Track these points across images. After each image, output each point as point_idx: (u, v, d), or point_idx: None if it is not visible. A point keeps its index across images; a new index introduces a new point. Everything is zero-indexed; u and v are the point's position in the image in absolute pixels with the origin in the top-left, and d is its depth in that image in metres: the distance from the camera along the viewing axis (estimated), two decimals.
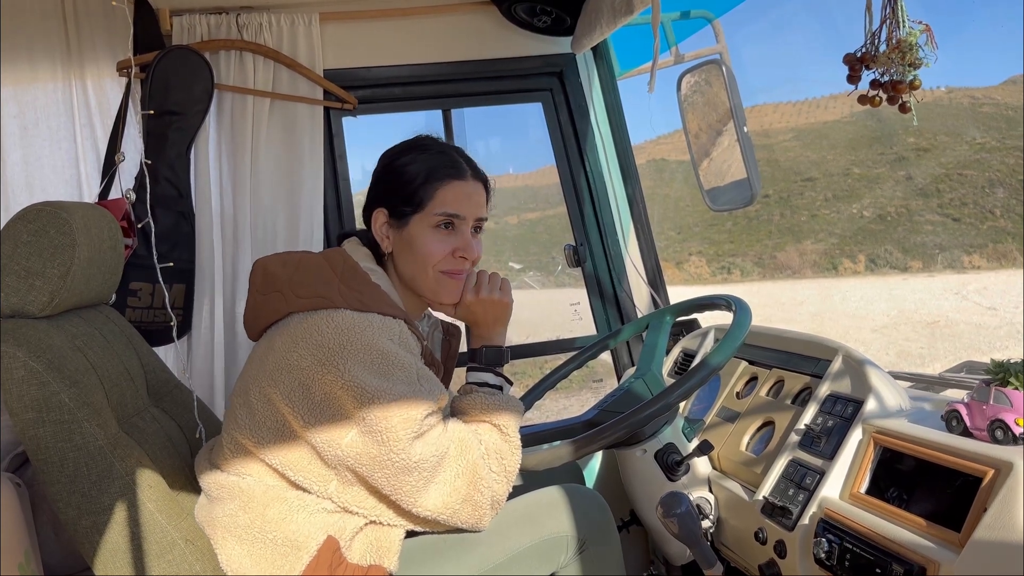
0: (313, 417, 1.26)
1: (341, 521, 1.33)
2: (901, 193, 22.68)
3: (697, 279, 21.00)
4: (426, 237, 1.44)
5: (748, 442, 1.63)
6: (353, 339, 1.27)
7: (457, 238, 1.46)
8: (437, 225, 1.44)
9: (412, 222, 1.45)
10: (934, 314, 15.99)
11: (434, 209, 1.44)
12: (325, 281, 1.36)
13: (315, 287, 1.35)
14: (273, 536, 1.30)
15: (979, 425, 1.18)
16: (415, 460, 1.24)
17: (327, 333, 1.27)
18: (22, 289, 1.32)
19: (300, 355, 1.27)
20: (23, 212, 1.36)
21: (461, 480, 1.30)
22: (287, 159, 2.16)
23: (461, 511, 1.30)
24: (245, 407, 1.34)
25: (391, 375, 1.27)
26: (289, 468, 1.30)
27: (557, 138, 2.43)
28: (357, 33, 2.24)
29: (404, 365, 1.30)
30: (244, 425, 1.33)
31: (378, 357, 1.27)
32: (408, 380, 1.28)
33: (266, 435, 1.31)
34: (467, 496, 1.30)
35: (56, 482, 1.29)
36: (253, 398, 1.32)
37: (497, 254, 19.73)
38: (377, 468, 1.25)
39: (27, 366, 1.26)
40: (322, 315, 1.30)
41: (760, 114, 27.38)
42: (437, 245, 1.44)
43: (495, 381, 1.48)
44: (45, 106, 2.13)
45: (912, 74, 1.24)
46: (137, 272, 2.00)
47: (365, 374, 1.24)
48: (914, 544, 1.12)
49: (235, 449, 1.35)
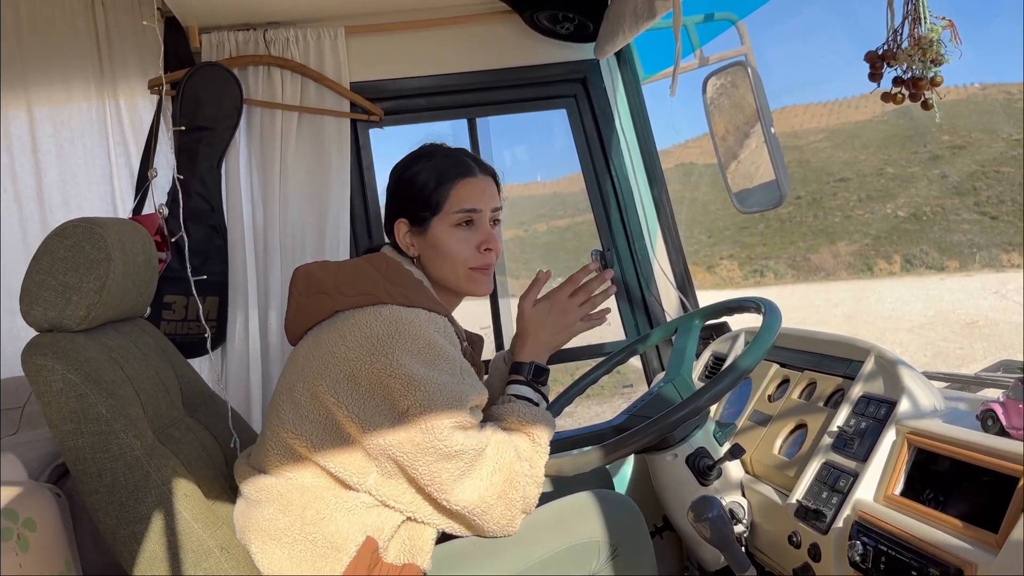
0: (359, 407, 1.29)
1: (379, 520, 1.35)
2: (936, 192, 22.30)
3: (729, 283, 20.80)
4: (450, 238, 1.49)
5: (781, 445, 1.61)
6: (401, 330, 1.31)
7: (479, 233, 1.51)
8: (458, 224, 1.49)
9: (433, 225, 1.49)
10: (972, 314, 15.67)
11: (452, 208, 1.48)
12: (371, 280, 1.40)
13: (361, 285, 1.39)
14: (313, 537, 1.32)
15: (1016, 424, 1.16)
16: (456, 448, 1.27)
17: (375, 325, 1.31)
18: (59, 304, 1.35)
19: (348, 347, 1.31)
20: (60, 228, 1.39)
21: (498, 476, 1.32)
22: (315, 171, 2.19)
23: (495, 507, 1.32)
24: (290, 403, 1.37)
25: (438, 365, 1.31)
26: (331, 461, 1.33)
27: (582, 144, 2.43)
28: (382, 45, 2.27)
29: (450, 357, 1.34)
30: (288, 420, 1.36)
31: (426, 347, 1.31)
32: (453, 372, 1.32)
33: (309, 429, 1.34)
34: (502, 493, 1.32)
35: (94, 492, 1.31)
36: (298, 394, 1.36)
37: (527, 262, 19.73)
38: (419, 455, 1.27)
39: (65, 379, 1.29)
40: (370, 310, 1.34)
41: (789, 115, 27.10)
42: (462, 244, 1.49)
43: (535, 397, 1.50)
44: (80, 125, 2.18)
45: (933, 71, 1.23)
46: (171, 285, 2.04)
47: (413, 363, 1.28)
48: (950, 546, 1.10)
49: (277, 447, 1.38)
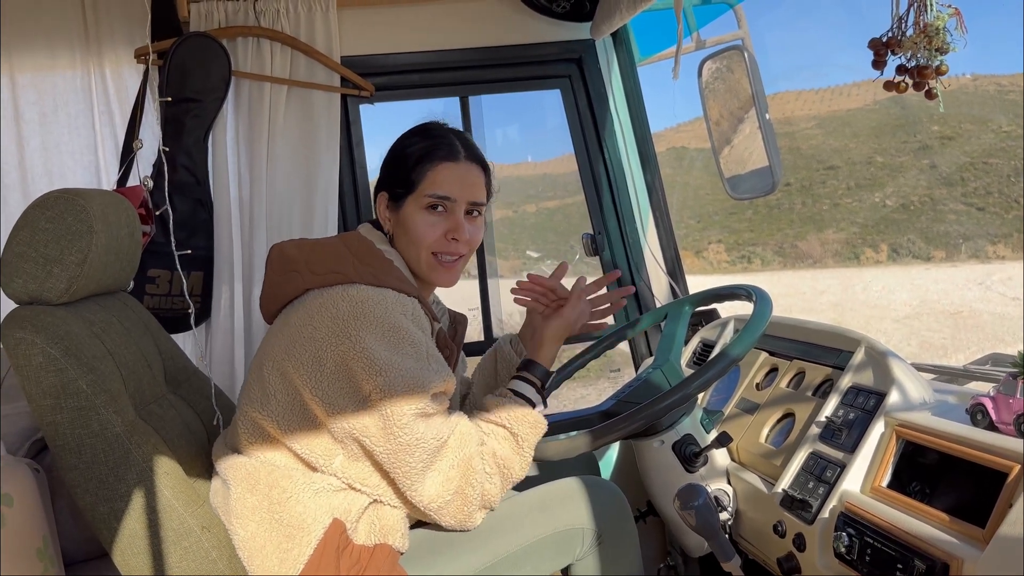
0: (323, 387, 1.29)
1: (346, 502, 1.34)
2: (925, 182, 22.39)
3: (717, 268, 20.86)
4: (417, 219, 1.46)
5: (768, 434, 1.61)
6: (367, 310, 1.30)
7: (448, 220, 1.46)
8: (428, 207, 1.46)
9: (406, 204, 1.47)
10: (957, 304, 15.80)
11: (425, 191, 1.46)
12: (341, 258, 1.39)
13: (331, 264, 1.37)
14: (280, 516, 1.32)
15: (1005, 419, 1.15)
16: (416, 438, 1.26)
17: (342, 305, 1.30)
18: (40, 276, 1.33)
19: (315, 327, 1.30)
20: (41, 199, 1.37)
21: (455, 471, 1.31)
22: (304, 146, 2.16)
23: (452, 503, 1.31)
24: (258, 382, 1.37)
25: (401, 349, 1.29)
26: (297, 442, 1.32)
27: (575, 125, 2.41)
28: (374, 20, 2.23)
29: (415, 341, 1.32)
30: (256, 399, 1.36)
31: (390, 330, 1.30)
32: (417, 356, 1.31)
33: (277, 408, 1.33)
34: (459, 488, 1.31)
35: (74, 468, 1.29)
36: (266, 372, 1.35)
37: (515, 243, 19.72)
38: (380, 441, 1.27)
39: (45, 352, 1.27)
40: (338, 289, 1.33)
41: (782, 101, 27.08)
42: (429, 228, 1.45)
43: (533, 398, 1.49)
44: (64, 93, 2.14)
45: (939, 59, 1.21)
46: (155, 259, 2.01)
47: (376, 345, 1.27)
48: (937, 540, 1.10)
49: (247, 425, 1.38)
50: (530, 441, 1.40)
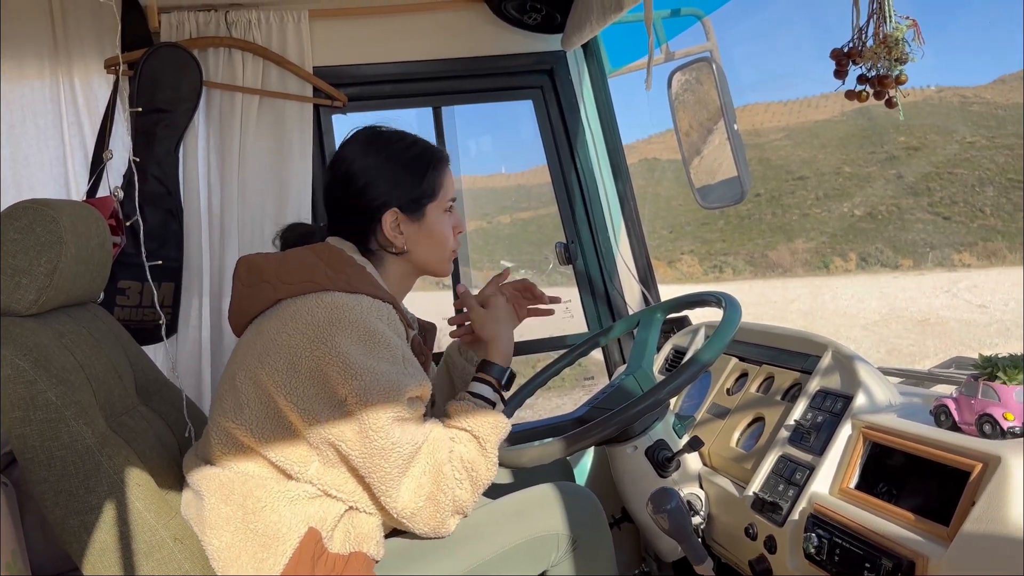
0: (298, 393, 1.28)
1: (322, 510, 1.33)
2: (892, 192, 22.77)
3: (689, 277, 21.03)
4: (443, 223, 1.51)
5: (738, 438, 1.63)
6: (342, 316, 1.30)
7: (455, 217, 1.54)
8: (447, 210, 1.52)
9: (428, 212, 1.49)
10: (924, 312, 16.06)
11: (447, 195, 1.51)
12: (313, 267, 1.38)
13: (303, 273, 1.37)
14: (254, 527, 1.31)
15: (967, 420, 1.18)
16: (391, 442, 1.26)
17: (316, 312, 1.30)
18: (8, 287, 1.31)
19: (289, 334, 1.30)
20: (10, 210, 1.35)
21: (427, 477, 1.31)
22: (276, 157, 2.15)
23: (424, 509, 1.31)
24: (231, 392, 1.36)
25: (377, 353, 1.29)
26: (272, 450, 1.31)
27: (548, 136, 2.42)
28: (347, 30, 2.24)
29: (391, 345, 1.32)
30: (229, 409, 1.35)
31: (366, 334, 1.30)
32: (393, 360, 1.31)
33: (250, 417, 1.32)
34: (430, 495, 1.31)
35: (43, 481, 1.28)
36: (239, 381, 1.34)
37: (490, 253, 19.72)
38: (356, 446, 1.27)
39: (13, 364, 1.25)
40: (312, 297, 1.33)
41: (751, 113, 27.42)
42: (448, 229, 1.52)
43: (492, 397, 1.49)
44: (32, 103, 2.11)
45: (898, 69, 1.25)
46: (125, 270, 1.99)
47: (352, 349, 1.27)
48: (903, 538, 1.12)
49: (220, 436, 1.37)
50: (492, 442, 1.39)
